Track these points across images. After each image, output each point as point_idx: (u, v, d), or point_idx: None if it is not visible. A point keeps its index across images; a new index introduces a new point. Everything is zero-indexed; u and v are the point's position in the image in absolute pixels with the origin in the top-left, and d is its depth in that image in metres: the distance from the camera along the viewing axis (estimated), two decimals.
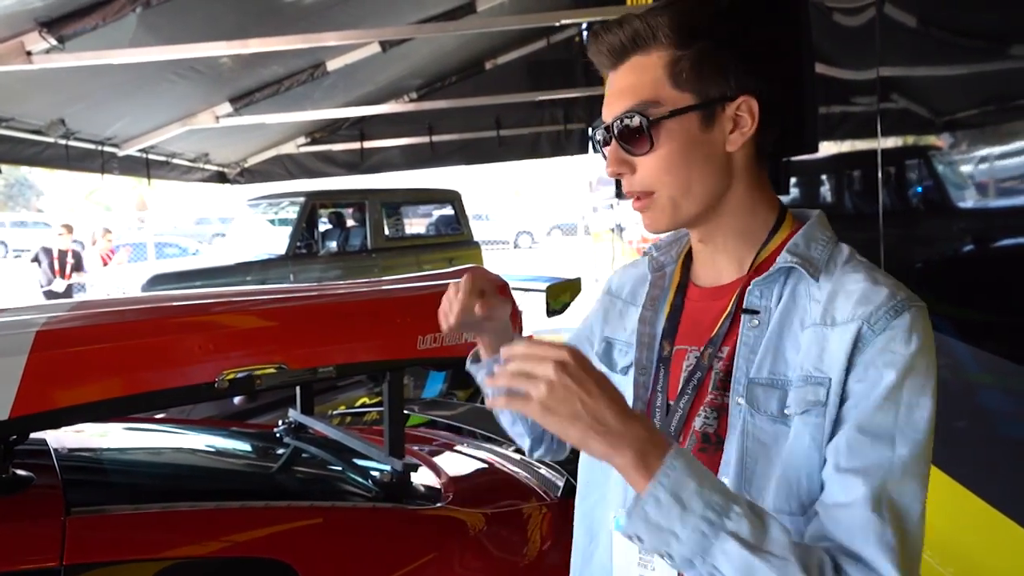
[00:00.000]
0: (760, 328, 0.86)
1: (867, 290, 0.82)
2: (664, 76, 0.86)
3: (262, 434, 2.27)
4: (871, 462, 0.77)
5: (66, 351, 1.38)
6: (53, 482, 1.42)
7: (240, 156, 9.81)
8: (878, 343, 0.80)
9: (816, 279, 0.86)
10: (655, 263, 1.01)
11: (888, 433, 0.77)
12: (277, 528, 1.52)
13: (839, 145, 2.77)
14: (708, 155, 0.87)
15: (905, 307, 0.81)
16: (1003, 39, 1.80)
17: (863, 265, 0.87)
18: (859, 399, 0.79)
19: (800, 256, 0.87)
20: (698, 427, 0.88)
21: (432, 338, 1.84)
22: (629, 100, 0.86)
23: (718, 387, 0.88)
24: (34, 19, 4.05)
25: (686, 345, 0.93)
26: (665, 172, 0.86)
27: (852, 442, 0.78)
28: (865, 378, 0.79)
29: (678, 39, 0.85)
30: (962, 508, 1.91)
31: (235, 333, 1.62)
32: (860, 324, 0.80)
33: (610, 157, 0.88)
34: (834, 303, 0.83)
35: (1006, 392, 1.82)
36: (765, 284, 0.88)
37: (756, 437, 0.83)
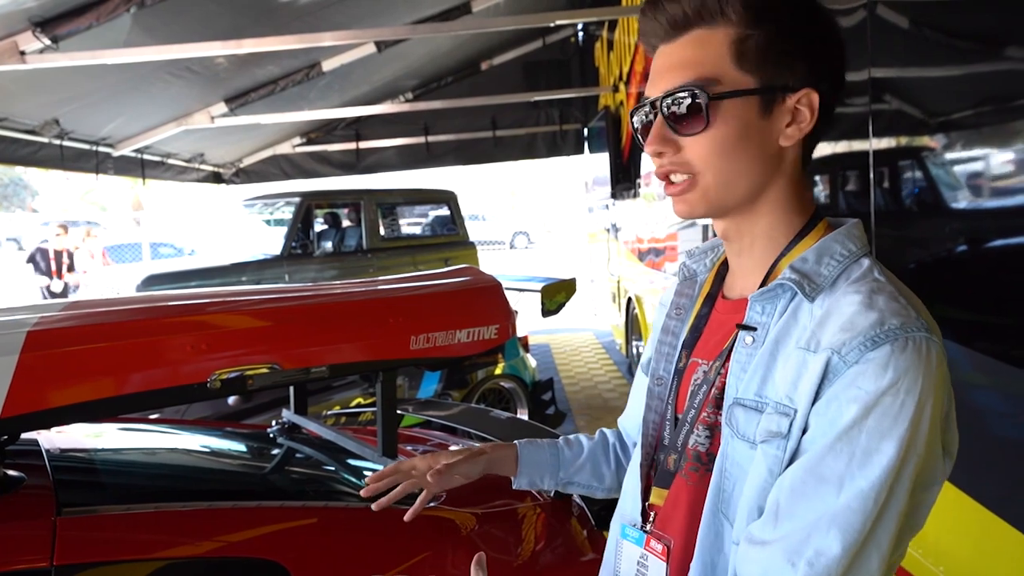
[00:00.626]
0: (754, 346, 0.81)
1: (855, 315, 0.75)
2: (728, 54, 0.80)
3: (256, 434, 2.27)
4: (808, 505, 0.72)
5: (57, 351, 1.38)
6: (44, 482, 1.42)
7: (235, 156, 9.80)
8: (848, 376, 0.72)
9: (812, 299, 0.79)
10: (686, 270, 0.98)
11: (837, 476, 0.71)
12: (269, 528, 1.52)
13: (831, 146, 2.78)
14: (761, 145, 0.82)
15: (888, 338, 0.72)
16: (993, 41, 1.80)
17: (871, 285, 0.78)
18: (815, 435, 0.74)
19: (802, 272, 0.80)
20: (691, 445, 0.86)
21: (425, 338, 1.84)
22: (687, 74, 0.80)
23: (715, 405, 0.85)
24: (28, 19, 4.04)
25: (700, 358, 0.90)
26: (715, 155, 0.81)
27: (796, 482, 0.73)
28: (826, 413, 0.73)
29: (748, 17, 0.79)
30: (953, 508, 1.91)
31: (227, 333, 1.62)
32: (831, 354, 0.74)
33: (654, 133, 0.82)
34: (824, 326, 0.76)
35: (997, 392, 1.82)
36: (767, 299, 0.82)
37: (735, 460, 0.80)
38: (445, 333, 1.87)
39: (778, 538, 0.73)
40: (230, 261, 7.64)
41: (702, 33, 0.81)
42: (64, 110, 5.83)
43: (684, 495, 0.87)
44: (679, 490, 0.88)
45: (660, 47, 0.84)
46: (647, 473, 0.92)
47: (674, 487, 0.88)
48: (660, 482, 0.90)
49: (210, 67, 5.89)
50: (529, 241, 25.60)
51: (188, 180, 9.41)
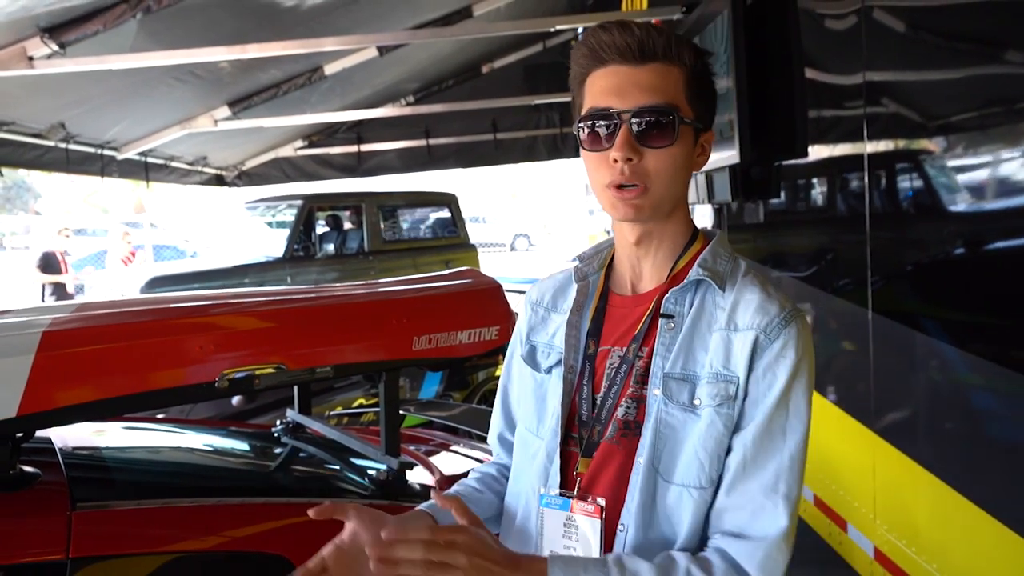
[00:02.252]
0: (675, 331, 1.01)
1: (763, 302, 0.99)
2: (683, 89, 0.99)
3: (260, 434, 2.31)
4: (768, 455, 0.96)
5: (71, 351, 1.42)
6: (59, 478, 1.46)
7: (238, 159, 9.83)
8: (774, 349, 0.97)
9: (723, 290, 1.01)
10: (580, 273, 1.12)
11: (781, 429, 0.96)
12: (275, 524, 1.56)
13: (827, 149, 2.81)
14: (688, 168, 1.02)
15: (792, 319, 0.98)
16: (987, 44, 1.84)
17: (758, 279, 1.03)
18: (759, 398, 0.96)
19: (709, 270, 1.02)
20: (620, 415, 1.02)
21: (427, 339, 1.88)
22: (658, 97, 0.97)
23: (638, 381, 1.02)
24: (36, 25, 4.08)
25: (610, 345, 1.06)
26: (669, 169, 0.98)
27: (757, 438, 0.96)
28: (763, 380, 0.97)
29: (694, 64, 1.00)
30: (946, 506, 1.94)
31: (235, 334, 1.66)
32: (757, 333, 0.97)
33: (623, 141, 0.96)
34: (736, 311, 1.00)
35: (991, 393, 1.85)
36: (680, 293, 1.02)
37: (668, 423, 0.98)
38: (447, 334, 1.91)
39: (755, 481, 0.95)
40: (233, 263, 7.68)
41: (662, 67, 0.98)
42: (70, 114, 5.87)
43: (615, 458, 1.01)
44: (608, 455, 1.02)
45: (615, 66, 0.99)
46: (566, 449, 1.05)
47: (600, 454, 1.03)
48: (586, 453, 1.04)
49: (214, 71, 5.93)
50: (530, 243, 25.62)
51: (191, 183, 9.45)
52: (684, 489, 0.97)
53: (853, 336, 2.55)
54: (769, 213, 3.40)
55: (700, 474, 0.97)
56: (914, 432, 2.17)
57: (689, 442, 0.97)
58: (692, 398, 0.98)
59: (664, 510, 0.98)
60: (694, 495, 0.96)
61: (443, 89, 8.93)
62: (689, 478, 0.97)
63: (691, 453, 0.97)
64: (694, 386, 0.98)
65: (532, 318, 1.18)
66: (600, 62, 0.99)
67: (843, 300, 2.64)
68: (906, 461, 2.14)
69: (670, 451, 0.98)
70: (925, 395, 2.12)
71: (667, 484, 0.98)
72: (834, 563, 2.60)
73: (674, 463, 0.97)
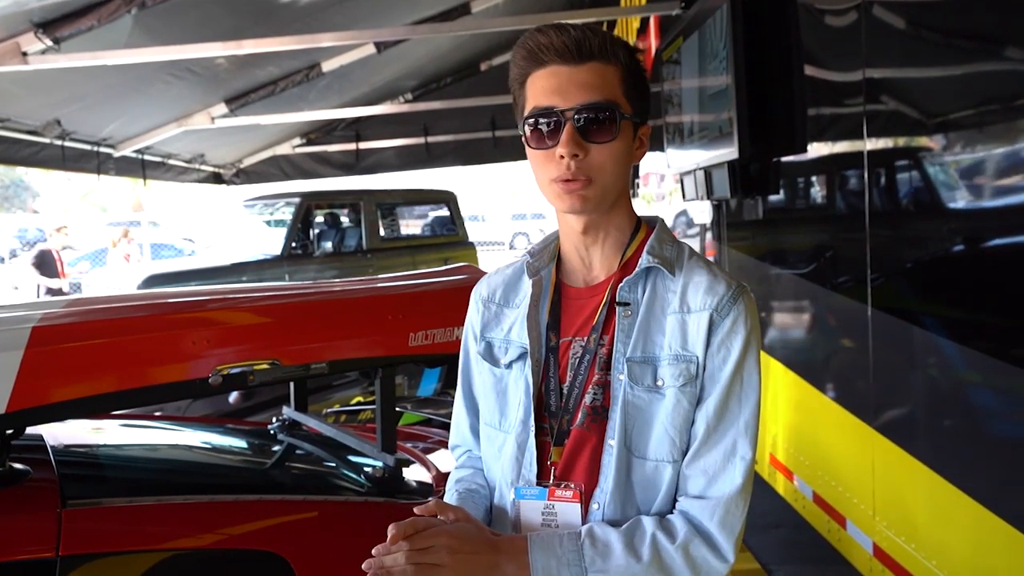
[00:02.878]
0: (632, 318, 1.06)
1: (711, 283, 1.06)
2: (620, 86, 1.03)
3: (256, 431, 2.29)
4: (728, 423, 1.04)
5: (62, 347, 1.41)
6: (49, 475, 1.45)
7: (236, 157, 9.82)
8: (725, 325, 1.04)
9: (672, 274, 1.07)
10: (532, 268, 1.15)
11: (737, 398, 1.04)
12: (270, 521, 1.54)
13: (827, 146, 2.80)
14: (629, 160, 1.07)
15: (739, 295, 1.05)
16: (987, 41, 1.82)
17: (703, 261, 1.10)
18: (715, 372, 1.04)
19: (658, 256, 1.07)
20: (588, 402, 1.07)
21: (423, 335, 1.86)
22: (598, 94, 1.01)
23: (602, 368, 1.07)
24: (30, 20, 4.07)
25: (570, 336, 1.10)
26: (612, 162, 1.03)
27: (717, 408, 1.03)
28: (718, 355, 1.04)
29: (628, 62, 1.05)
30: (946, 503, 1.93)
31: (229, 329, 1.65)
32: (711, 312, 1.04)
33: (568, 138, 1.00)
34: (687, 294, 1.06)
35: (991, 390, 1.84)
36: (632, 282, 1.07)
37: (635, 404, 1.04)
38: (443, 330, 1.90)
39: (716, 448, 1.03)
40: (230, 261, 7.67)
41: (600, 66, 1.02)
42: (65, 111, 5.85)
43: (587, 443, 1.06)
44: (580, 441, 1.07)
45: (554, 66, 1.03)
46: (539, 440, 1.09)
47: (572, 440, 1.07)
48: (557, 441, 1.08)
49: (210, 68, 5.91)
50: (529, 242, 25.62)
51: (189, 181, 9.44)
52: (658, 463, 1.04)
53: (852, 332, 2.54)
54: (768, 210, 3.39)
55: (672, 449, 1.04)
56: (914, 428, 2.16)
57: (658, 420, 1.04)
58: (655, 379, 1.04)
59: (641, 483, 1.04)
60: (668, 468, 1.04)
61: (441, 86, 8.92)
62: (662, 453, 1.04)
63: (661, 430, 1.04)
64: (656, 368, 1.04)
65: (484, 314, 1.20)
66: (539, 63, 1.03)
67: (842, 296, 2.63)
68: (906, 457, 2.13)
69: (639, 430, 1.04)
70: (925, 391, 2.11)
71: (641, 460, 1.04)
72: (833, 560, 2.59)
73: (646, 440, 1.04)
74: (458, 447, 1.29)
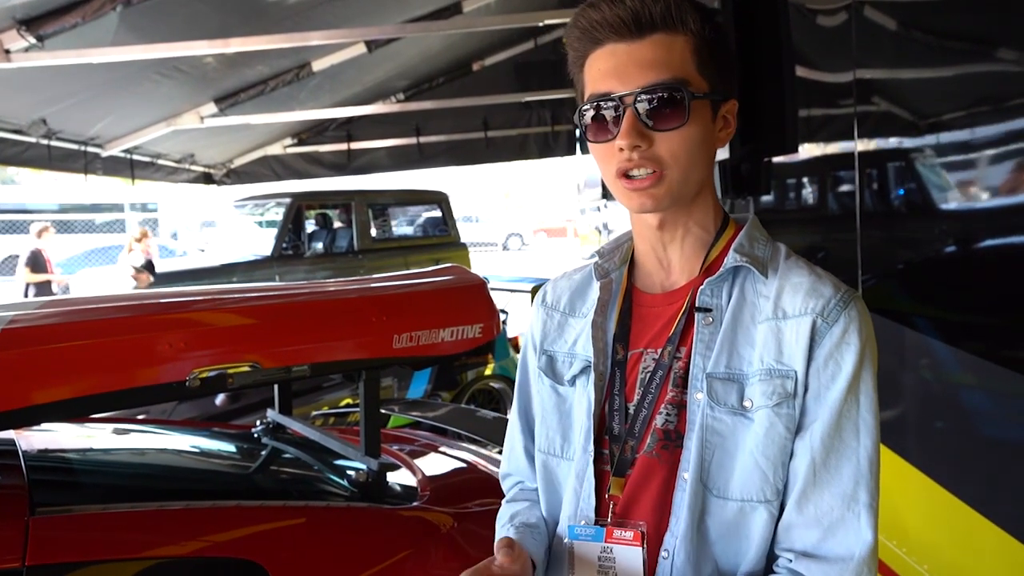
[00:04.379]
0: (714, 325, 0.90)
1: (813, 284, 0.88)
2: (691, 59, 0.87)
3: (240, 434, 2.25)
4: (843, 456, 0.84)
5: (32, 349, 1.37)
6: (19, 482, 1.40)
7: (226, 157, 9.76)
8: (835, 335, 0.85)
9: (765, 276, 0.90)
10: (600, 270, 1.00)
11: (854, 426, 0.84)
12: (248, 529, 1.50)
13: (818, 147, 2.78)
14: (711, 145, 0.90)
15: (850, 299, 0.87)
16: (978, 42, 1.81)
17: (802, 261, 0.93)
18: (822, 392, 0.85)
19: (748, 255, 0.91)
20: (659, 424, 0.90)
21: (408, 337, 1.83)
22: (663, 73, 0.85)
23: (677, 385, 0.90)
24: (12, 17, 4.02)
25: (641, 348, 0.95)
26: (685, 151, 0.87)
27: (826, 438, 0.84)
28: (826, 370, 0.85)
29: (702, 29, 0.87)
30: (937, 506, 1.92)
31: (207, 331, 1.61)
32: (814, 317, 0.86)
33: (628, 127, 0.85)
34: (783, 297, 0.88)
35: (983, 392, 1.83)
36: (716, 284, 0.91)
37: (715, 429, 0.87)
38: (428, 332, 1.87)
39: (829, 490, 0.83)
40: (220, 262, 7.61)
41: (664, 38, 0.86)
42: (51, 109, 5.79)
43: (656, 475, 0.90)
44: (647, 472, 0.90)
45: (612, 44, 0.87)
46: (598, 468, 0.93)
47: (638, 471, 0.91)
48: (618, 471, 0.92)
49: (199, 67, 5.86)
50: (523, 242, 25.58)
51: (178, 181, 9.37)
52: (745, 504, 0.85)
53: None
54: (759, 211, 3.37)
55: (764, 486, 0.85)
56: (905, 431, 2.14)
57: (744, 450, 0.85)
58: (742, 400, 0.86)
59: (719, 531, 0.86)
60: (759, 510, 0.85)
61: (433, 86, 8.88)
62: (750, 491, 0.85)
63: (749, 462, 0.85)
64: (743, 386, 0.87)
65: (547, 323, 1.04)
66: (595, 42, 0.89)
67: None
68: (896, 460, 2.12)
69: (719, 462, 0.86)
70: (916, 393, 2.10)
71: (722, 500, 0.86)
72: None
73: (727, 475, 0.86)
74: (510, 476, 1.13)
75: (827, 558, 0.82)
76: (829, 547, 0.83)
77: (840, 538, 0.82)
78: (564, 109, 9.77)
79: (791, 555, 0.84)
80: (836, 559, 0.82)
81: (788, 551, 0.85)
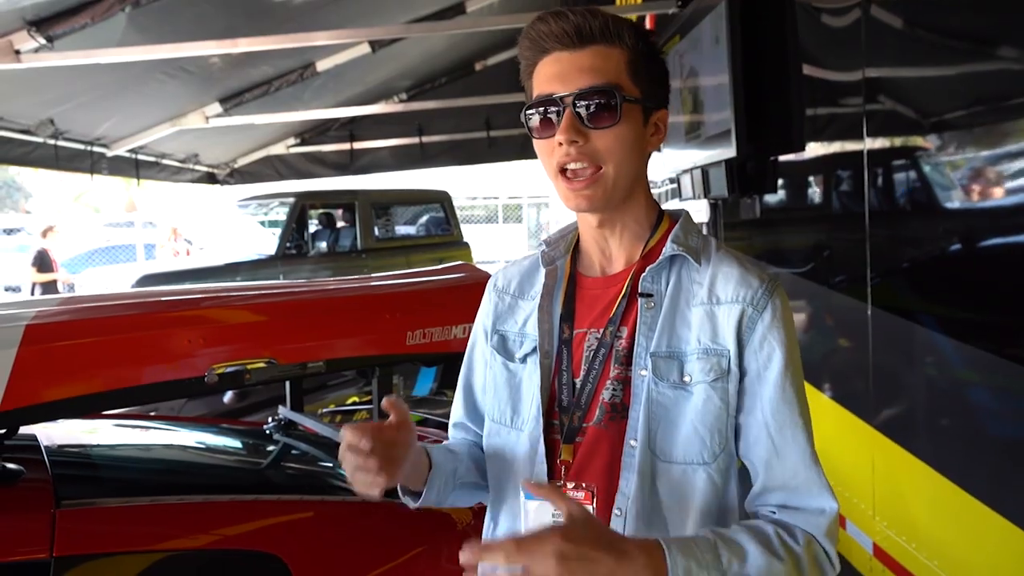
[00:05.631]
0: (655, 309, 1.01)
1: (743, 274, 1.00)
2: (625, 69, 0.99)
3: (252, 431, 2.27)
4: (792, 425, 0.97)
5: (55, 345, 1.39)
6: (43, 476, 1.42)
7: (230, 157, 9.78)
8: (765, 320, 0.98)
9: (699, 263, 1.02)
10: (547, 257, 1.10)
11: (793, 398, 0.97)
12: (266, 521, 1.52)
13: (825, 145, 2.79)
14: (642, 147, 1.02)
15: (775, 287, 1.00)
16: (986, 41, 1.82)
17: (731, 253, 1.04)
18: (761, 371, 0.97)
19: (683, 245, 1.02)
20: (607, 399, 1.01)
21: (421, 333, 1.85)
22: (599, 78, 0.97)
23: (621, 362, 1.01)
24: (23, 18, 4.04)
25: (585, 328, 1.05)
26: (619, 148, 0.98)
27: (775, 413, 0.97)
28: (761, 352, 0.98)
29: (635, 43, 0.99)
30: (947, 501, 1.93)
31: (225, 328, 1.63)
32: (743, 306, 0.98)
33: (567, 124, 0.96)
34: (716, 285, 1.00)
35: (989, 388, 1.84)
36: (656, 271, 1.02)
37: (659, 402, 0.98)
38: (441, 329, 1.89)
39: (789, 455, 0.96)
40: (224, 261, 7.64)
41: (603, 49, 0.98)
42: (58, 110, 5.81)
43: (604, 442, 1.00)
44: (596, 440, 1.00)
45: (556, 53, 0.99)
46: (548, 438, 1.03)
47: (588, 439, 1.01)
48: (567, 439, 1.02)
49: (204, 67, 5.88)
50: None
51: (182, 181, 9.39)
52: (687, 467, 0.97)
53: (852, 332, 2.53)
54: (765, 209, 3.38)
55: (703, 450, 0.97)
56: (914, 427, 2.15)
57: (685, 419, 0.97)
58: (682, 375, 0.98)
59: (667, 490, 0.97)
60: (699, 472, 0.97)
61: (436, 86, 8.90)
62: (691, 455, 0.97)
63: (689, 430, 0.97)
64: (682, 363, 0.98)
65: (499, 306, 1.14)
66: (542, 51, 1.00)
67: (842, 295, 2.62)
68: (906, 456, 2.13)
69: (665, 430, 0.98)
70: (924, 389, 2.11)
71: (667, 464, 0.97)
72: None
73: (672, 442, 0.97)
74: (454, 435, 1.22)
75: (804, 509, 0.96)
76: (802, 500, 0.96)
77: (809, 493, 0.96)
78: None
79: (771, 508, 0.98)
80: (813, 511, 0.96)
81: (762, 505, 0.99)
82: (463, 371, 1.21)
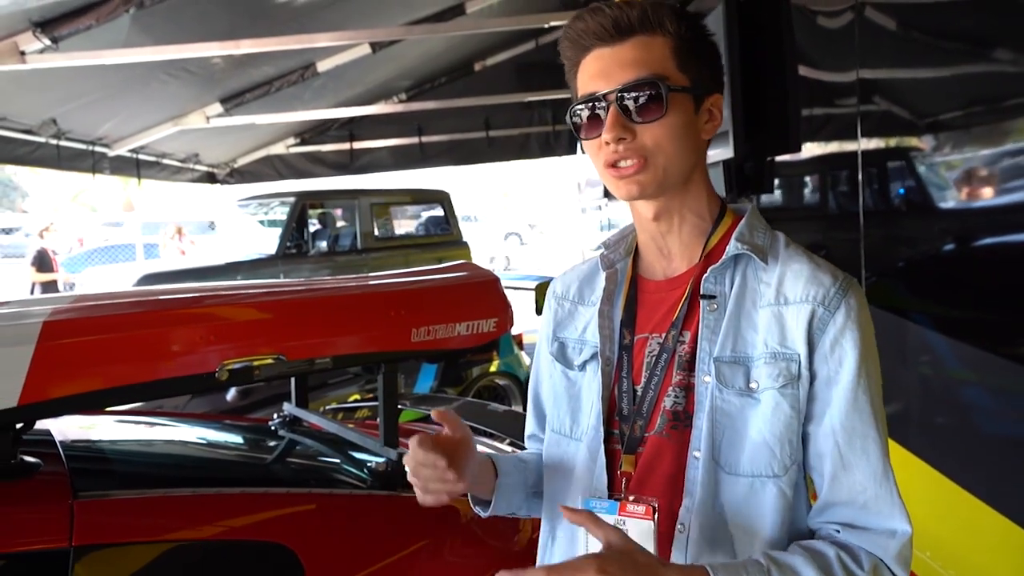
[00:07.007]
0: (719, 312, 0.95)
1: (813, 272, 0.94)
2: (670, 57, 0.94)
3: (258, 427, 2.31)
4: (864, 437, 0.90)
5: (72, 341, 1.42)
6: (59, 468, 1.46)
7: (230, 156, 9.81)
8: (837, 322, 0.91)
9: (765, 263, 0.96)
10: (606, 261, 1.07)
11: (866, 406, 0.90)
12: (277, 513, 1.56)
13: (821, 146, 2.82)
14: (695, 135, 0.96)
15: (848, 287, 0.93)
16: (981, 42, 1.85)
17: (801, 250, 0.98)
18: (833, 377, 0.90)
19: (749, 243, 0.96)
20: (668, 406, 0.96)
21: (426, 331, 1.88)
22: (642, 70, 0.92)
23: (684, 368, 0.96)
24: (28, 19, 4.07)
25: (646, 333, 1.00)
26: (668, 140, 0.93)
27: (846, 421, 0.90)
28: (832, 356, 0.90)
29: (680, 28, 0.94)
30: (939, 494, 1.96)
31: (234, 324, 1.66)
32: (814, 306, 0.91)
33: (612, 122, 0.92)
34: (784, 284, 0.94)
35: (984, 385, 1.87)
36: (719, 271, 0.96)
37: (724, 410, 0.92)
38: (445, 326, 1.92)
39: (859, 468, 0.90)
40: (225, 261, 7.66)
41: (644, 39, 0.94)
42: (61, 110, 5.85)
43: (666, 453, 0.95)
44: (658, 451, 0.96)
45: (598, 50, 0.95)
46: (609, 447, 0.99)
47: (649, 449, 0.96)
48: (629, 449, 0.98)
49: (206, 67, 5.91)
50: (521, 242, 25.63)
51: (183, 180, 9.42)
52: (755, 480, 0.90)
53: None
54: (762, 209, 3.41)
55: (772, 461, 0.90)
56: (910, 424, 2.19)
57: (752, 429, 0.91)
58: (748, 381, 0.92)
59: (733, 506, 0.91)
60: (768, 485, 0.90)
61: (435, 86, 8.93)
62: (759, 467, 0.90)
63: (757, 440, 0.90)
64: (748, 369, 0.92)
65: (558, 312, 1.11)
66: (584, 49, 0.97)
67: None
68: (901, 452, 2.16)
69: (730, 440, 0.91)
70: (920, 387, 2.14)
71: (733, 477, 0.91)
72: None
73: (737, 453, 0.91)
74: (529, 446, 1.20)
75: (871, 530, 0.89)
76: (869, 520, 0.89)
77: (879, 511, 0.89)
78: (564, 109, 9.75)
79: (835, 526, 0.91)
80: (881, 531, 0.89)
81: (827, 522, 0.91)
82: (531, 382, 1.17)
